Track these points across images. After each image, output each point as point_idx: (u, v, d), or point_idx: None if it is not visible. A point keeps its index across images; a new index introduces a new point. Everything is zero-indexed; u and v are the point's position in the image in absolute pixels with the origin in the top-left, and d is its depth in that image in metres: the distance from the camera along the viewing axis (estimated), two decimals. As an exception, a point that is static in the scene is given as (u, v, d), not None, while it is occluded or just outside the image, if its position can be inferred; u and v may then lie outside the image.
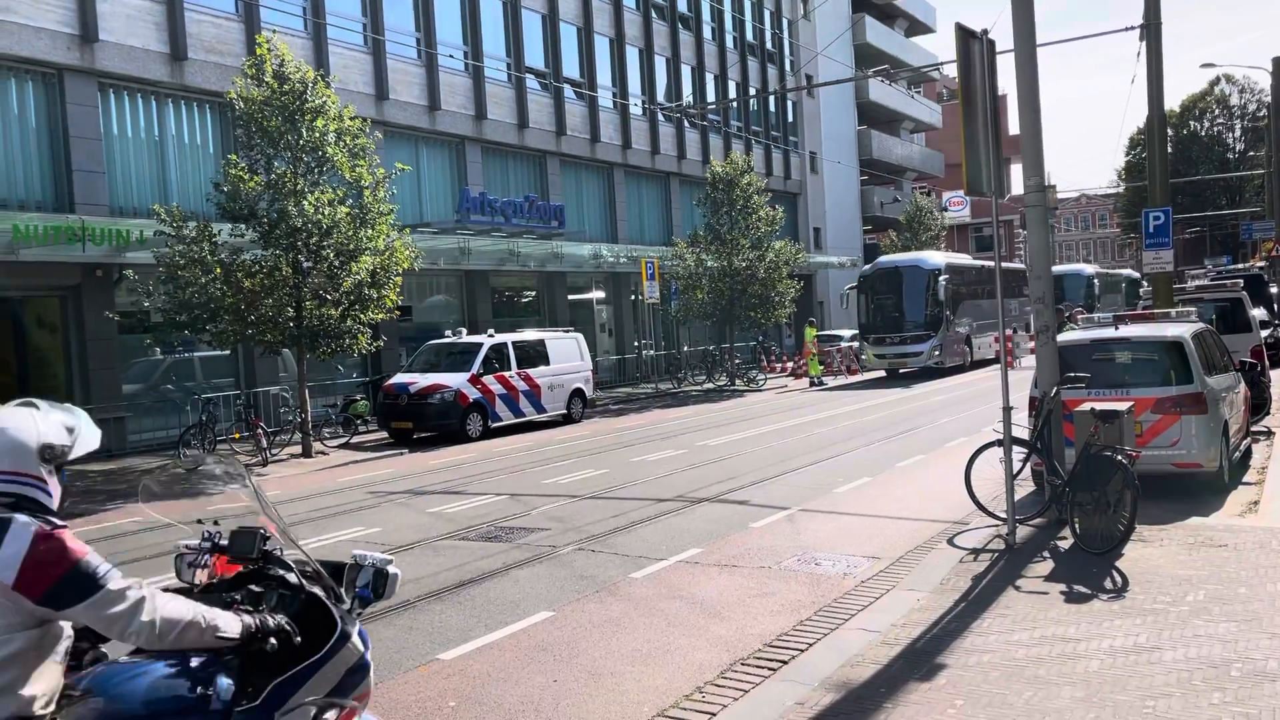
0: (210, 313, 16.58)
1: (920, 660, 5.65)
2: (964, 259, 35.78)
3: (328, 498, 13.14)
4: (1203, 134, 66.94)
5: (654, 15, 35.53)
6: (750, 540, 9.22)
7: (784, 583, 7.66)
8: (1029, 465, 9.60)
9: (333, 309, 17.27)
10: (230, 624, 2.86)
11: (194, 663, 2.86)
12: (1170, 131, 57.79)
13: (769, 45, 42.99)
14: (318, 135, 17.13)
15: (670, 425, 20.25)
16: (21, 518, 2.65)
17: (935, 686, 5.24)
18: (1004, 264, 37.37)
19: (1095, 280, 44.14)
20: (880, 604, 6.88)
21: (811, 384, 28.97)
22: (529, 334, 22.45)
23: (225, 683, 2.87)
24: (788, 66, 44.24)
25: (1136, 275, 53.13)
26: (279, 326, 16.97)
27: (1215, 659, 5.33)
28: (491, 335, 20.95)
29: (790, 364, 34.35)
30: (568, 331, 23.70)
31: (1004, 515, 8.40)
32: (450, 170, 27.52)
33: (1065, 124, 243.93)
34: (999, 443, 8.49)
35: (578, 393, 22.33)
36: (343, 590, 3.27)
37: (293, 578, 3.18)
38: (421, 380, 19.52)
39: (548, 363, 21.53)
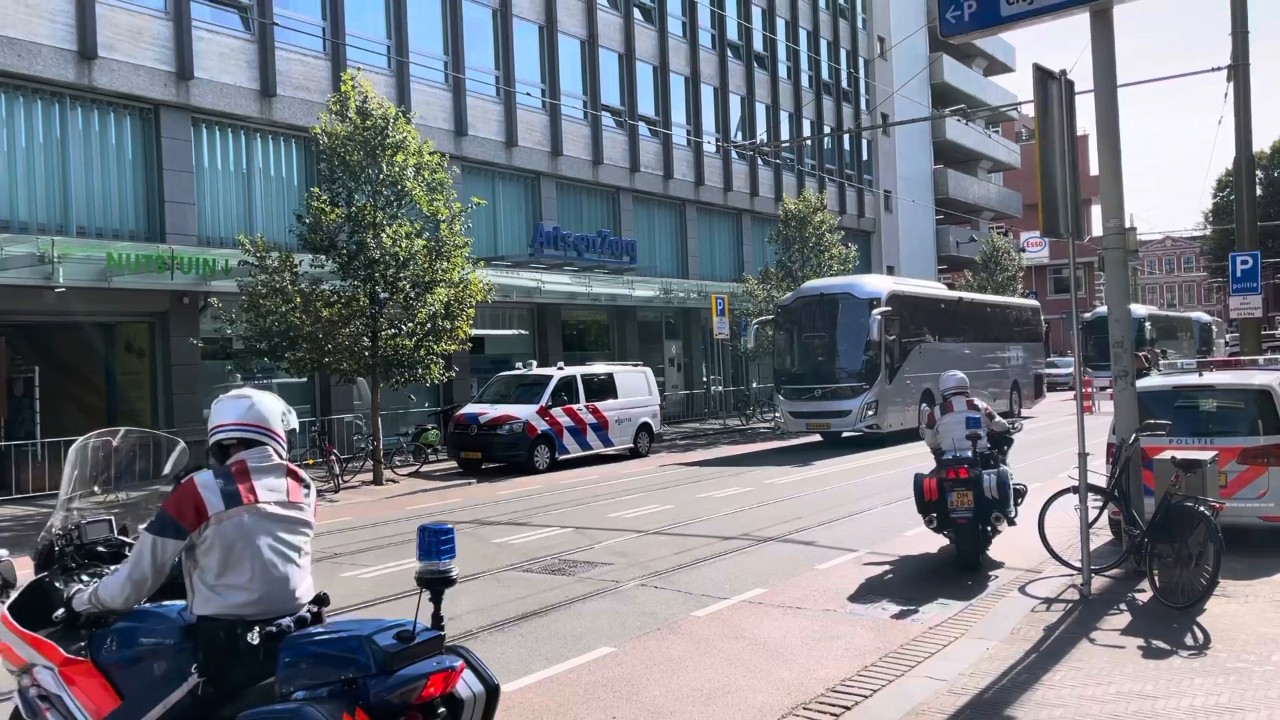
0: (289, 341, 17.02)
1: (988, 712, 5.49)
2: (919, 286, 27.84)
3: (396, 525, 13.31)
4: (1295, 176, 64.75)
5: (729, 54, 35.79)
6: (816, 582, 9.10)
7: (849, 626, 7.53)
8: (1106, 514, 9.32)
9: (407, 339, 17.59)
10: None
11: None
12: (1260, 174, 56.13)
13: (844, 84, 42.96)
14: (397, 170, 17.57)
15: (737, 462, 20.12)
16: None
17: (1003, 740, 5.09)
18: (1001, 299, 34.06)
19: (1147, 323, 38.14)
20: (948, 652, 6.72)
21: None
22: (598, 367, 22.58)
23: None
24: (863, 105, 44.11)
25: (1207, 318, 50.75)
26: (355, 355, 17.34)
27: (1303, 723, 5.09)
28: (561, 368, 21.11)
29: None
30: (636, 365, 23.79)
31: (1079, 564, 8.16)
32: (525, 205, 27.94)
33: (1149, 164, 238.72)
34: (1074, 490, 8.27)
35: (645, 427, 22.35)
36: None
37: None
38: (491, 411, 19.74)
39: (616, 396, 21.61)
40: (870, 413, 22.31)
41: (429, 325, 17.82)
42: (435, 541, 3.52)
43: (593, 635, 7.48)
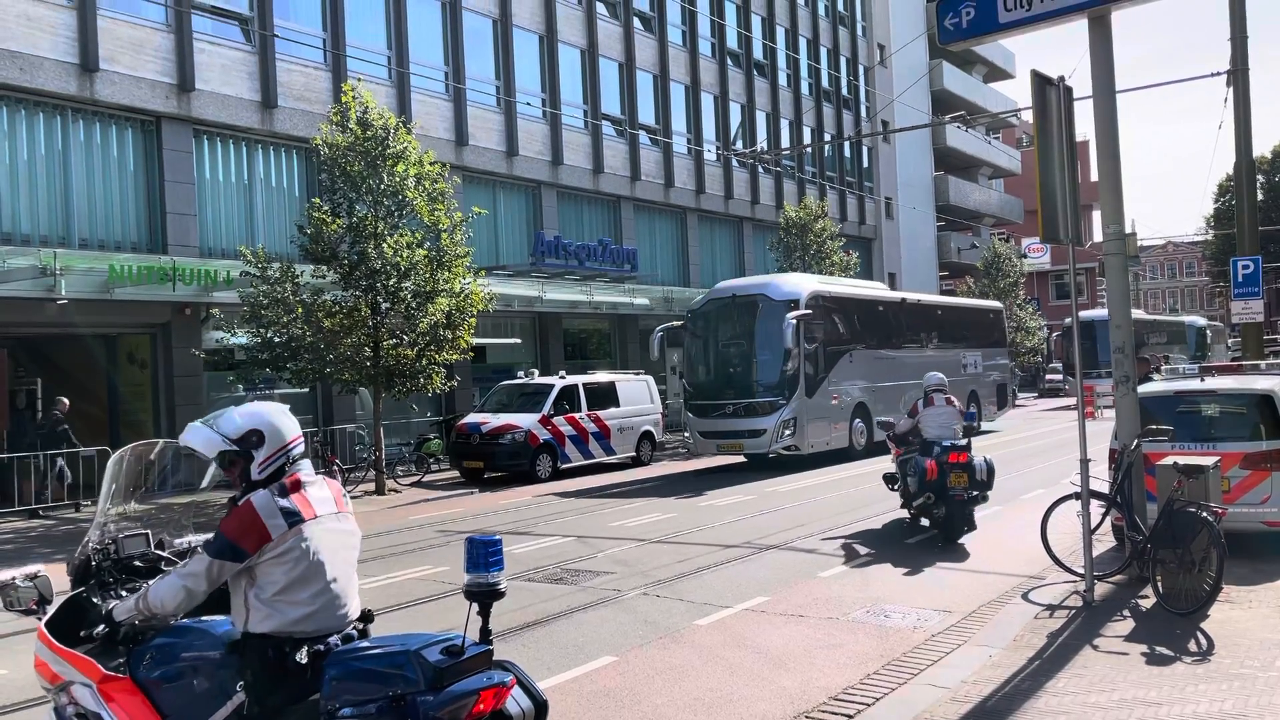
0: (291, 351, 17.04)
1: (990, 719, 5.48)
2: (851, 287, 24.68)
3: (398, 535, 13.30)
4: (1297, 180, 64.69)
5: (729, 62, 35.86)
6: (818, 590, 9.08)
7: (851, 634, 7.51)
8: (1109, 520, 9.29)
9: (409, 349, 17.61)
10: None
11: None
12: (1261, 178, 56.07)
13: (844, 91, 43.02)
14: (398, 180, 17.60)
15: (740, 470, 20.09)
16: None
17: (1006, 748, 5.07)
18: (954, 300, 32.38)
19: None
20: (950, 659, 6.70)
21: None
22: (600, 376, 22.57)
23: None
24: (863, 112, 44.19)
25: (1203, 322, 50.35)
26: (357, 365, 17.36)
27: (1307, 729, 5.07)
28: (563, 377, 21.11)
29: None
30: (638, 374, 23.78)
31: (1082, 571, 8.14)
32: (526, 214, 27.98)
33: (1150, 170, 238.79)
34: (1077, 496, 8.25)
35: (647, 435, 22.34)
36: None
37: None
38: (493, 420, 19.74)
39: (618, 405, 21.60)
40: (787, 432, 19.69)
41: (430, 335, 17.83)
42: (484, 553, 3.40)
43: (595, 644, 7.47)
